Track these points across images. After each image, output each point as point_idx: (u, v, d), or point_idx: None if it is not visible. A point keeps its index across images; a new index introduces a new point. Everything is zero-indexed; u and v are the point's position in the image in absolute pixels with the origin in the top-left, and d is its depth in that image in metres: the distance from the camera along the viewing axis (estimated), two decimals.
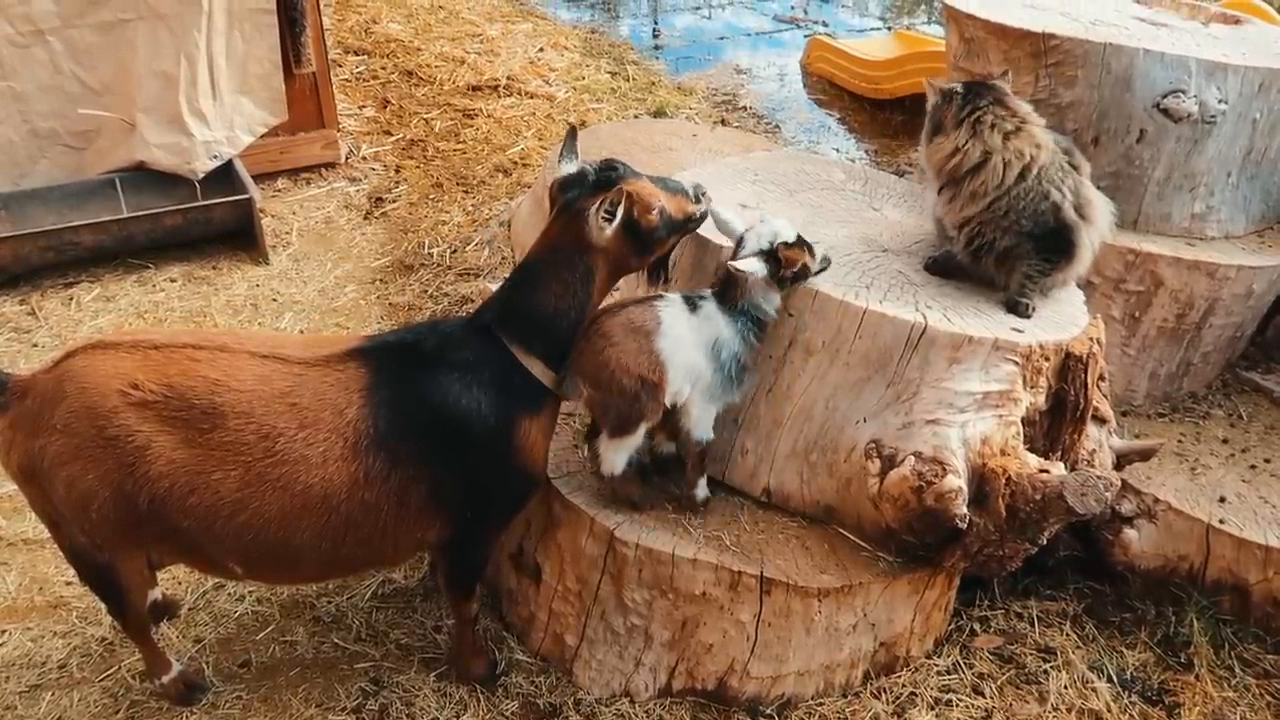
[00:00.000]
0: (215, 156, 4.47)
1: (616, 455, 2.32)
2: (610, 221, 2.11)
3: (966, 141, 2.36)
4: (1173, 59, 2.83)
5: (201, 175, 4.44)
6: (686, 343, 2.24)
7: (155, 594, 2.59)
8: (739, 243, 2.28)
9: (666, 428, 2.40)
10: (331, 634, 2.67)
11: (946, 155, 2.38)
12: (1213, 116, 2.88)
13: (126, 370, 2.04)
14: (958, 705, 2.51)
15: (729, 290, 2.28)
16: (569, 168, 2.24)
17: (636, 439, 2.30)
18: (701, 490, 2.47)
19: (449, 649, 2.58)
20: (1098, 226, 2.46)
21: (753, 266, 2.19)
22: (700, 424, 2.34)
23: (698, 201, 2.33)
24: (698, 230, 2.42)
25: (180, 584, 2.80)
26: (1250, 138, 2.97)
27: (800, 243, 2.25)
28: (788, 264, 2.23)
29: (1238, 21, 3.46)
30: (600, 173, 2.19)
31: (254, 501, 2.04)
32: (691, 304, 2.28)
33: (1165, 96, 2.86)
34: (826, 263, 2.33)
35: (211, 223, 4.36)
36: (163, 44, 4.28)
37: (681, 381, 2.26)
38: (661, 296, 2.31)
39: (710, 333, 2.25)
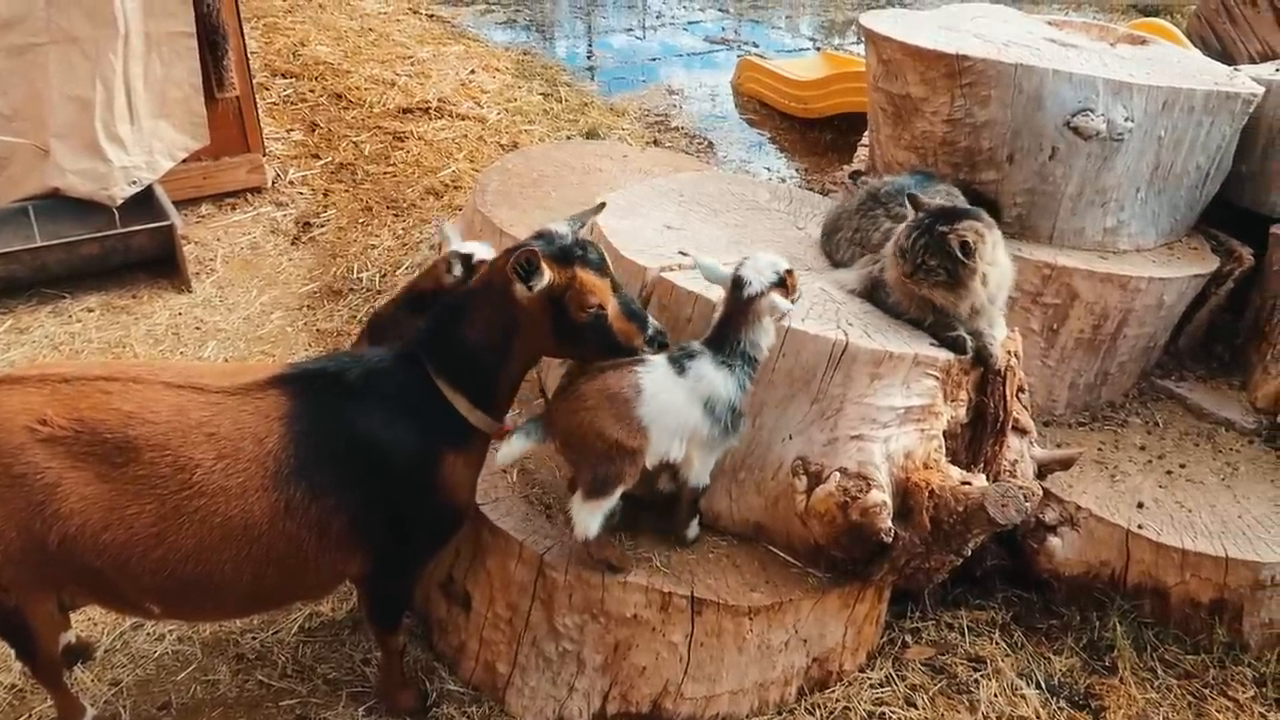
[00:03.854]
0: (134, 182, 4.36)
1: (591, 518, 2.21)
2: (520, 277, 2.05)
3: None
4: (1081, 79, 2.93)
5: (120, 202, 4.33)
6: (675, 406, 2.16)
7: (69, 636, 2.50)
8: (738, 282, 2.19)
9: (667, 473, 2.37)
10: (256, 671, 2.59)
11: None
12: (1120, 134, 2.97)
13: (34, 405, 1.97)
14: (890, 718, 2.53)
15: (729, 334, 2.20)
16: (559, 227, 2.16)
17: (611, 501, 2.21)
18: (693, 530, 2.46)
19: (377, 682, 2.53)
20: None
21: (786, 305, 2.16)
22: (701, 473, 2.30)
23: (650, 343, 2.18)
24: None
25: (95, 625, 2.70)
26: (1157, 154, 3.08)
27: (790, 268, 2.23)
28: (793, 289, 2.21)
29: (1144, 42, 3.59)
30: (570, 244, 2.11)
31: (170, 535, 1.98)
32: (679, 365, 2.18)
33: (1075, 115, 2.95)
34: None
35: (131, 250, 4.25)
36: (76, 68, 4.18)
37: (669, 444, 2.19)
38: (643, 361, 2.18)
39: (704, 391, 2.17)
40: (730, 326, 2.20)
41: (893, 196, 2.72)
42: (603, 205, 2.29)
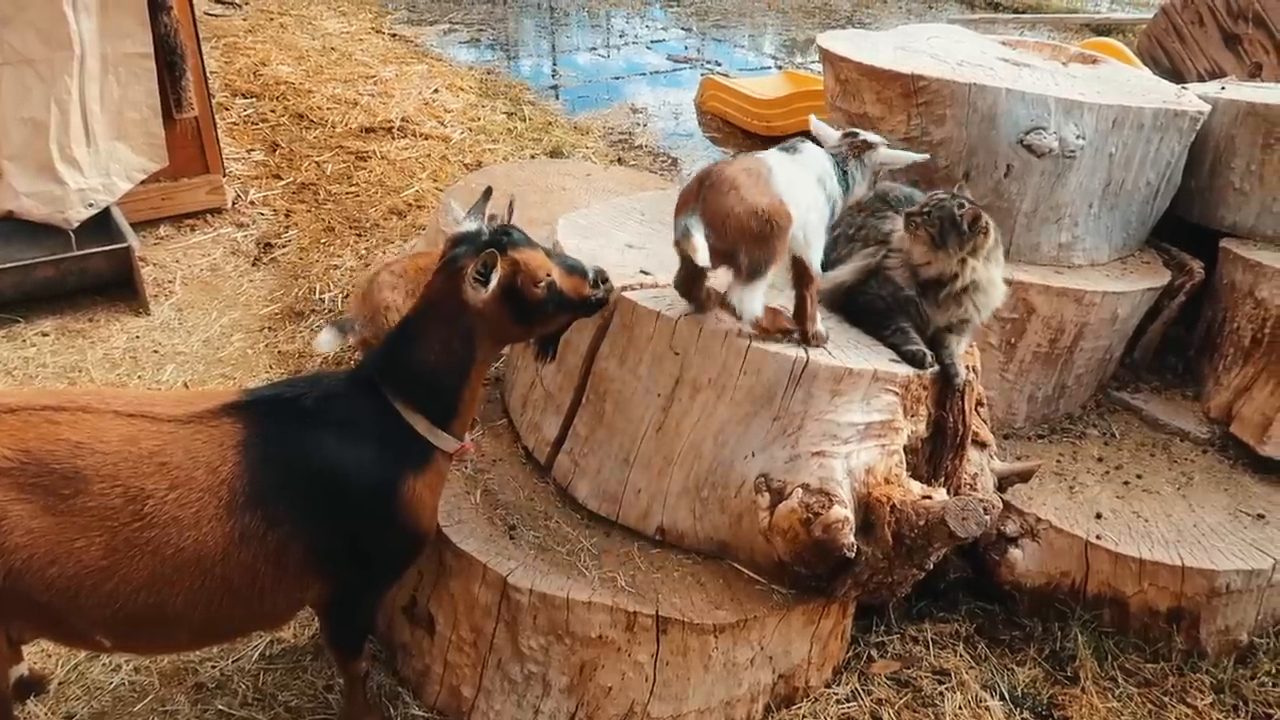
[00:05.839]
0: (91, 205, 4.30)
1: (753, 298, 2.26)
2: (482, 284, 2.05)
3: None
4: (1033, 97, 2.98)
5: (76, 224, 4.26)
6: (799, 181, 2.30)
7: (20, 669, 2.45)
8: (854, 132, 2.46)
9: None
10: (215, 700, 2.55)
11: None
12: (1072, 151, 3.03)
13: None
14: None
15: (840, 150, 2.41)
16: (469, 225, 2.18)
17: (768, 280, 2.28)
18: (821, 324, 2.44)
19: (340, 709, 2.49)
20: None
21: (907, 156, 2.47)
22: (818, 257, 2.38)
23: (596, 286, 2.23)
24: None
25: (50, 657, 2.64)
26: (1108, 171, 3.14)
27: None
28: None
29: (1095, 62, 3.67)
30: (494, 235, 2.13)
31: (121, 568, 1.94)
32: (789, 150, 2.38)
33: (1028, 133, 3.00)
34: None
35: (87, 273, 4.19)
36: (31, 90, 4.12)
37: (804, 216, 2.29)
38: (761, 150, 2.37)
39: (816, 168, 2.35)
40: (841, 150, 2.42)
41: (901, 201, 2.76)
42: (489, 190, 2.29)
